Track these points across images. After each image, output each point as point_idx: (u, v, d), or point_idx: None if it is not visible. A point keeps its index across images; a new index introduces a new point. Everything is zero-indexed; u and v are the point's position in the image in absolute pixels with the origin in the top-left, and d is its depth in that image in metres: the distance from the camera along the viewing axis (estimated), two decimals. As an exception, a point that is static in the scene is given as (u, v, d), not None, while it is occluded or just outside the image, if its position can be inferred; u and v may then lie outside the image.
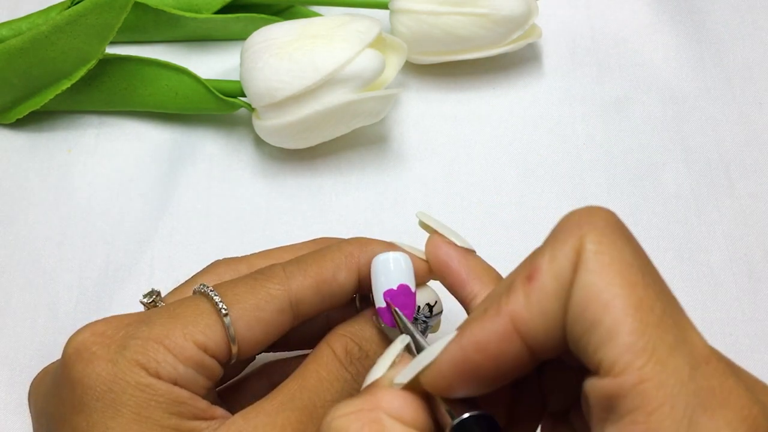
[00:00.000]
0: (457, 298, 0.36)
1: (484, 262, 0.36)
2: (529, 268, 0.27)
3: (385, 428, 0.27)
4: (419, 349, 0.32)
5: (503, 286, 0.28)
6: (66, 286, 0.47)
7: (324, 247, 0.37)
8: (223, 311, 0.34)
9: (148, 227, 0.49)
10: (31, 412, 0.37)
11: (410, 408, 0.28)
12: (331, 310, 0.38)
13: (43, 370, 0.38)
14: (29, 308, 0.47)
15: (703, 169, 0.52)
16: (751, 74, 0.55)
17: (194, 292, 0.36)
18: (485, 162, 0.52)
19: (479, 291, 0.35)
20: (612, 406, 0.24)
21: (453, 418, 0.28)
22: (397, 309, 0.35)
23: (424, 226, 0.37)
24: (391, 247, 0.37)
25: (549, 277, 0.26)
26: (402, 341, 0.32)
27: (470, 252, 0.36)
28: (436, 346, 0.28)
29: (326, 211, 0.50)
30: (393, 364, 0.30)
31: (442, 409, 0.28)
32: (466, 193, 0.51)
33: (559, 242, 0.26)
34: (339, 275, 0.36)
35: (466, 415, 0.28)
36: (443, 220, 0.47)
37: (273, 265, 0.36)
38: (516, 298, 0.27)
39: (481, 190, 0.51)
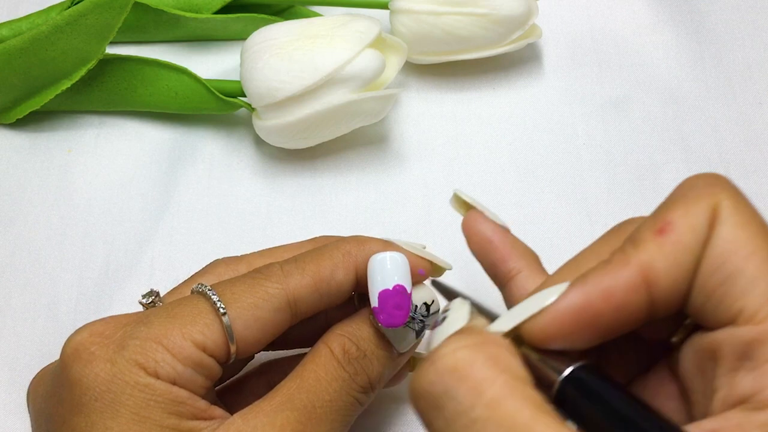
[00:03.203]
0: (493, 274, 0.35)
1: (521, 240, 0.35)
2: (659, 222, 0.27)
3: (509, 359, 0.26)
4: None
5: (627, 240, 0.28)
6: (66, 286, 0.47)
7: (322, 245, 0.37)
8: (222, 310, 0.34)
9: (148, 227, 0.49)
10: (29, 412, 0.37)
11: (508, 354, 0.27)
12: (329, 309, 0.38)
13: (41, 370, 0.38)
14: (29, 308, 0.47)
15: (703, 169, 0.51)
16: (751, 74, 0.55)
17: (192, 292, 0.36)
18: (485, 162, 0.52)
19: (523, 267, 0.34)
20: (749, 353, 0.25)
21: (558, 371, 0.27)
22: (437, 280, 0.36)
23: (459, 202, 0.37)
24: (388, 245, 0.37)
25: (685, 229, 0.27)
26: (462, 303, 0.29)
27: (507, 229, 0.36)
28: (542, 294, 0.28)
29: (326, 211, 0.50)
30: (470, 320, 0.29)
31: (536, 363, 0.27)
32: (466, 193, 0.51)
33: (691, 199, 0.27)
34: (337, 274, 0.36)
35: (577, 364, 0.27)
36: (443, 220, 0.47)
37: (271, 264, 0.36)
38: (646, 249, 0.27)
39: (481, 190, 0.51)
